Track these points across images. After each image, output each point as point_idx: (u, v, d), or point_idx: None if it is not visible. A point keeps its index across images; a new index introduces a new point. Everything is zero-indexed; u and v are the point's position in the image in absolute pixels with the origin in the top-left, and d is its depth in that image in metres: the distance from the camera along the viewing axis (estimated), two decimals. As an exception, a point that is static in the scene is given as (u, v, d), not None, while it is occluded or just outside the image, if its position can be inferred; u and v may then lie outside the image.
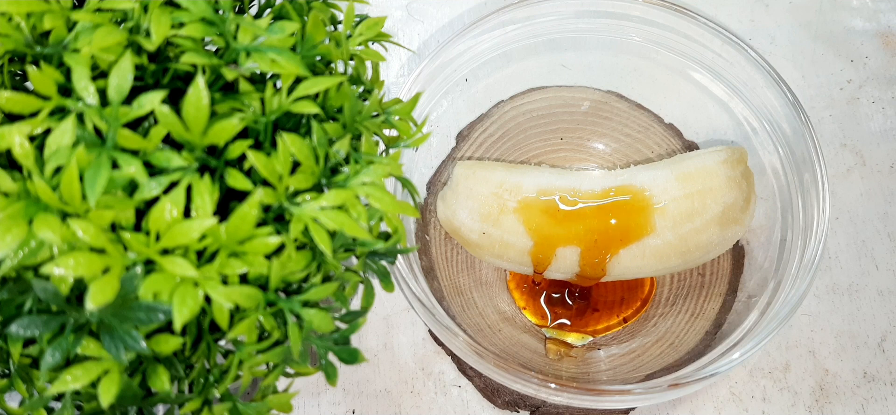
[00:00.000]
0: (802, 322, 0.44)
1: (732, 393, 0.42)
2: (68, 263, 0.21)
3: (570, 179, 0.42)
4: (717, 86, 0.44)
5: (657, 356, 0.40)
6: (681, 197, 0.40)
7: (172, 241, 0.22)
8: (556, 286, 0.44)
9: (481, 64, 0.45)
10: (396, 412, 0.42)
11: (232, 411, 0.27)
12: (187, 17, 0.25)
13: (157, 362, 0.24)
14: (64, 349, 0.22)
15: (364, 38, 0.30)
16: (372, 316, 0.44)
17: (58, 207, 0.21)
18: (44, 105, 0.23)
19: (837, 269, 0.45)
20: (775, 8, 0.54)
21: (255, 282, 0.24)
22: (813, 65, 0.52)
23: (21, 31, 0.24)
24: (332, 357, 0.35)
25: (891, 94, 0.51)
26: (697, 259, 0.42)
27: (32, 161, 0.22)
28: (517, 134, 0.47)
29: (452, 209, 0.42)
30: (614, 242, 0.41)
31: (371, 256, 0.29)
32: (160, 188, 0.22)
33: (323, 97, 0.27)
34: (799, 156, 0.40)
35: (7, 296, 0.22)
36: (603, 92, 0.47)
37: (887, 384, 0.42)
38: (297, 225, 0.24)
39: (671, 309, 0.43)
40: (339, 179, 0.26)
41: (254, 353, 0.26)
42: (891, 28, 0.53)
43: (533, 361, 0.41)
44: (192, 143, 0.23)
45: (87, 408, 0.25)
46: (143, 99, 0.23)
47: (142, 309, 0.22)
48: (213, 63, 0.25)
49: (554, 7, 0.44)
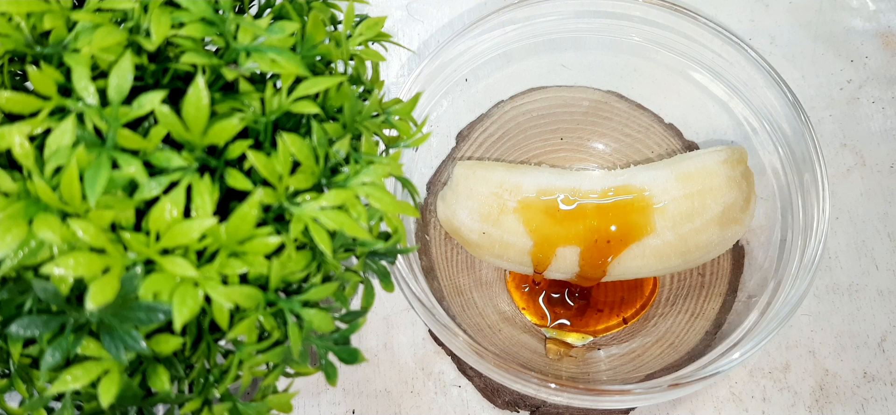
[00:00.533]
0: (802, 322, 0.44)
1: (732, 393, 0.42)
2: (68, 263, 0.21)
3: (570, 179, 0.42)
4: (717, 86, 0.44)
5: (657, 356, 0.40)
6: (681, 197, 0.40)
7: (172, 241, 0.22)
8: (556, 286, 0.44)
9: (481, 64, 0.45)
10: (396, 412, 0.42)
11: (232, 411, 0.27)
12: (187, 17, 0.25)
13: (157, 362, 0.24)
14: (64, 349, 0.22)
15: (364, 38, 0.30)
16: (372, 316, 0.44)
17: (58, 207, 0.21)
18: (44, 105, 0.23)
19: (837, 269, 0.45)
20: (775, 8, 0.54)
21: (255, 282, 0.24)
22: (813, 65, 0.52)
23: (21, 31, 0.24)
24: (332, 357, 0.35)
25: (891, 94, 0.51)
26: (697, 259, 0.42)
27: (32, 161, 0.22)
28: (517, 134, 0.47)
29: (452, 209, 0.42)
30: (614, 243, 0.41)
31: (371, 256, 0.29)
32: (160, 188, 0.22)
33: (323, 97, 0.27)
34: (799, 156, 0.40)
35: (7, 296, 0.22)
36: (603, 92, 0.47)
37: (887, 384, 0.42)
38: (297, 225, 0.24)
39: (671, 309, 0.43)
40: (339, 179, 0.26)
41: (254, 353, 0.26)
42: (891, 28, 0.53)
43: (533, 361, 0.41)
44: (192, 143, 0.23)
45: (87, 408, 0.25)
46: (143, 99, 0.23)
47: (142, 309, 0.22)
48: (213, 63, 0.25)
49: (554, 7, 0.44)
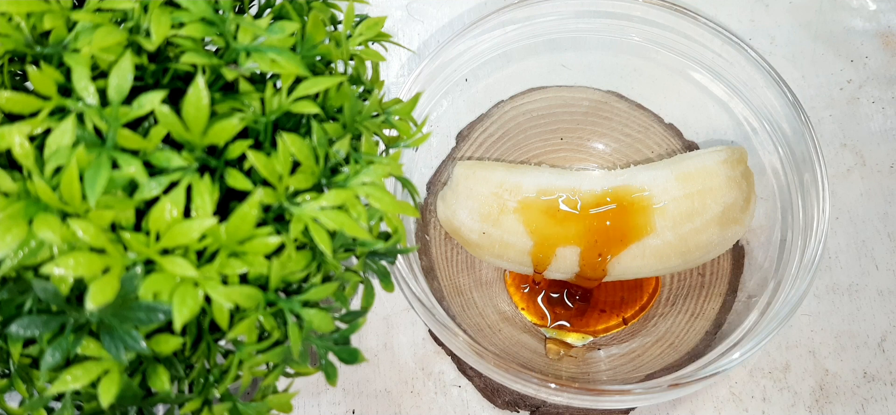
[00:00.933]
0: (802, 322, 0.44)
1: (732, 393, 0.42)
2: (68, 263, 0.21)
3: (570, 179, 0.42)
4: (717, 86, 0.44)
5: (657, 356, 0.40)
6: (681, 197, 0.40)
7: (172, 241, 0.22)
8: (556, 286, 0.44)
9: (481, 64, 0.45)
10: (396, 412, 0.42)
11: (232, 411, 0.27)
12: (187, 17, 0.25)
13: (157, 362, 0.24)
14: (64, 349, 0.22)
15: (364, 38, 0.30)
16: (372, 316, 0.44)
17: (58, 207, 0.21)
18: (44, 105, 0.23)
19: (837, 269, 0.45)
20: (775, 8, 0.54)
21: (255, 282, 0.24)
22: (813, 65, 0.52)
23: (21, 31, 0.24)
24: (332, 357, 0.35)
25: (891, 94, 0.51)
26: (697, 259, 0.42)
27: (32, 161, 0.22)
28: (517, 134, 0.47)
29: (452, 209, 0.42)
30: (614, 243, 0.41)
31: (371, 256, 0.29)
32: (160, 188, 0.22)
33: (323, 97, 0.27)
34: (799, 156, 0.40)
35: (7, 296, 0.22)
36: (603, 92, 0.47)
37: (887, 384, 0.42)
38: (297, 225, 0.24)
39: (671, 309, 0.43)
40: (339, 179, 0.26)
41: (254, 353, 0.26)
42: (891, 28, 0.53)
43: (533, 361, 0.41)
44: (192, 143, 0.23)
45: (87, 408, 0.25)
46: (143, 99, 0.23)
47: (142, 309, 0.22)
48: (213, 63, 0.25)
49: (554, 7, 0.44)
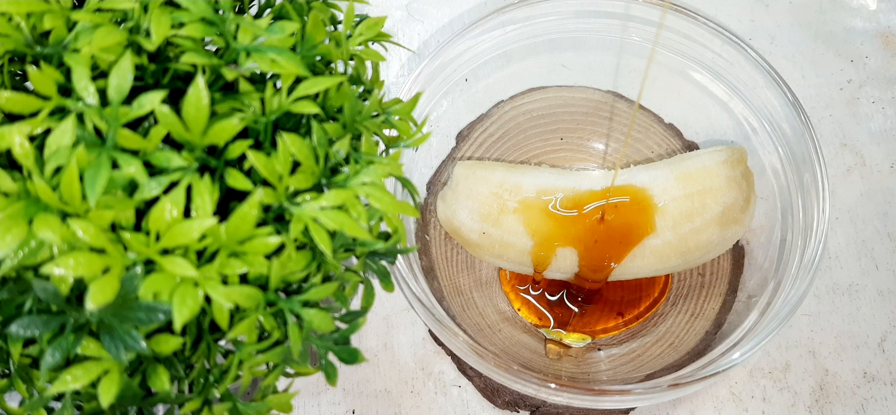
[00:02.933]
0: (802, 322, 0.44)
1: (732, 393, 0.42)
2: (68, 263, 0.21)
3: (570, 179, 0.42)
4: (717, 86, 0.44)
5: (657, 356, 0.40)
6: (681, 197, 0.40)
7: (172, 241, 0.22)
8: (556, 287, 0.44)
9: (481, 64, 0.45)
10: (396, 412, 0.42)
11: (232, 411, 0.27)
12: (187, 17, 0.25)
13: (157, 362, 0.24)
14: (64, 349, 0.22)
15: (364, 38, 0.30)
16: (372, 316, 0.44)
17: (58, 207, 0.21)
18: (44, 105, 0.23)
19: (837, 269, 0.45)
20: (775, 8, 0.54)
21: (255, 282, 0.24)
22: (813, 65, 0.52)
23: (21, 31, 0.24)
24: (332, 357, 0.35)
25: (891, 94, 0.51)
26: (697, 259, 0.42)
27: (32, 161, 0.22)
28: (517, 134, 0.47)
29: (452, 209, 0.42)
30: (614, 243, 0.41)
31: (371, 256, 0.29)
32: (160, 188, 0.22)
33: (323, 97, 0.27)
34: (799, 156, 0.40)
35: (7, 296, 0.22)
36: (603, 92, 0.47)
37: (887, 384, 0.42)
38: (297, 225, 0.24)
39: (671, 309, 0.43)
40: (339, 179, 0.26)
41: (254, 353, 0.26)
42: (891, 28, 0.53)
43: (533, 361, 0.41)
44: (192, 143, 0.23)
45: (87, 408, 0.25)
46: (143, 99, 0.23)
47: (142, 309, 0.22)
48: (213, 63, 0.25)
49: (554, 7, 0.44)
